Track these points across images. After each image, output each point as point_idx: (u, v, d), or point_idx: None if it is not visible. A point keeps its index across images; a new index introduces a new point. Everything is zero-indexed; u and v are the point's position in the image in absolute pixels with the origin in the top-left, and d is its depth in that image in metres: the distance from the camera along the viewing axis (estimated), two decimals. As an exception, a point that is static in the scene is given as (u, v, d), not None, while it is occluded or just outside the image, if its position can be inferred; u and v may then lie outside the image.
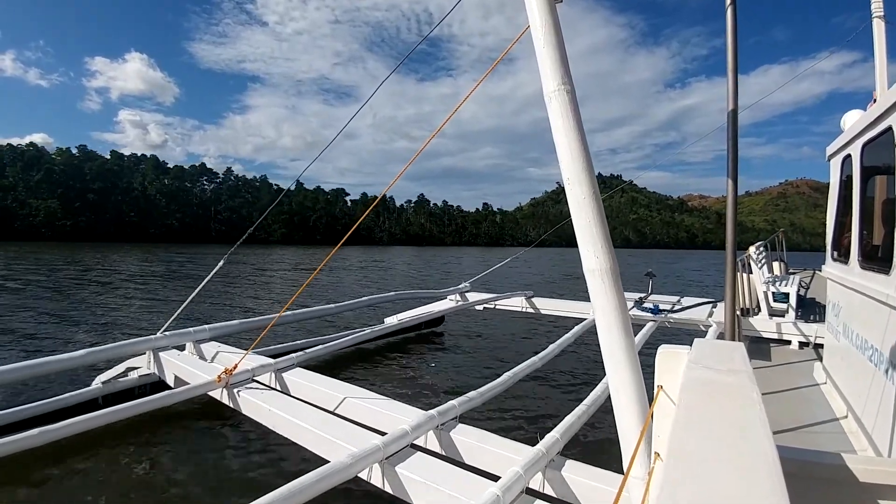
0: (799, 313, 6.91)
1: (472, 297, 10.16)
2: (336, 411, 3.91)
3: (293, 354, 5.07)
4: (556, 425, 3.17)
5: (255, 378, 4.52)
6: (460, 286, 10.53)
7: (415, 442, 3.15)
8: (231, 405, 4.19)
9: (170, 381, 4.98)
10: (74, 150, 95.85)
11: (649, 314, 7.87)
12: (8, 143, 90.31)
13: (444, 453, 3.22)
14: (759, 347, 6.20)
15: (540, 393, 6.46)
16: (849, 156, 3.71)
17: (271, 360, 4.83)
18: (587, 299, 1.93)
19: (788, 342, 6.34)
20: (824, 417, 3.58)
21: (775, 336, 6.52)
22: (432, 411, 3.34)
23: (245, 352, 4.77)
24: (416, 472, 2.71)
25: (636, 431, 1.75)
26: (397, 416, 3.54)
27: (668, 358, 1.42)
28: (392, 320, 9.60)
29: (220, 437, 4.79)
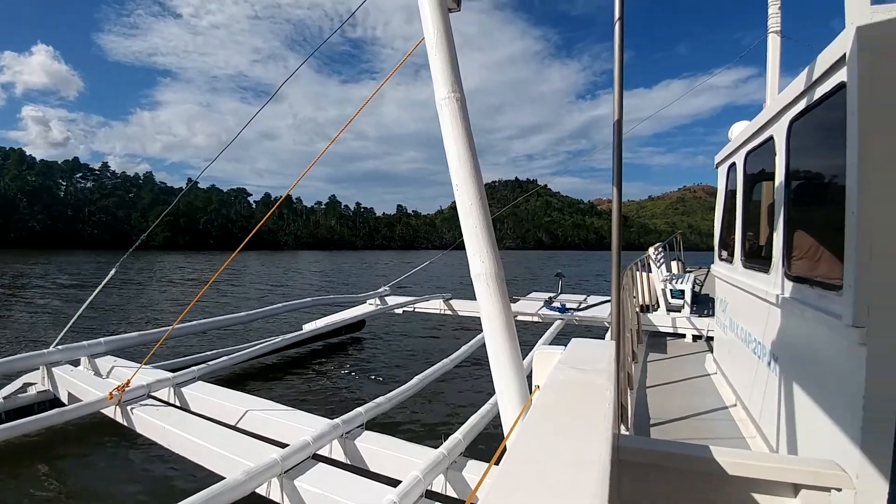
0: (693, 308, 7.55)
1: (392, 300, 10.11)
2: (238, 425, 3.69)
3: (195, 367, 4.74)
4: (459, 427, 3.23)
5: (151, 394, 4.21)
6: (380, 290, 10.43)
7: (318, 452, 3.04)
8: (125, 423, 3.89)
9: (64, 398, 4.58)
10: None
11: (557, 313, 8.31)
12: None
13: (348, 462, 3.15)
14: (657, 341, 6.73)
15: (450, 394, 6.51)
16: (734, 163, 4.13)
17: (169, 375, 4.49)
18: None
19: (683, 336, 6.93)
20: (715, 406, 3.90)
21: (671, 330, 7.11)
22: (337, 420, 3.25)
23: (139, 365, 4.37)
24: (316, 484, 2.62)
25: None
26: (302, 426, 3.39)
27: (544, 359, 1.49)
28: (310, 326, 9.27)
29: (114, 457, 4.44)
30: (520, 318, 8.65)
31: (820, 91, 2.21)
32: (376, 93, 2.70)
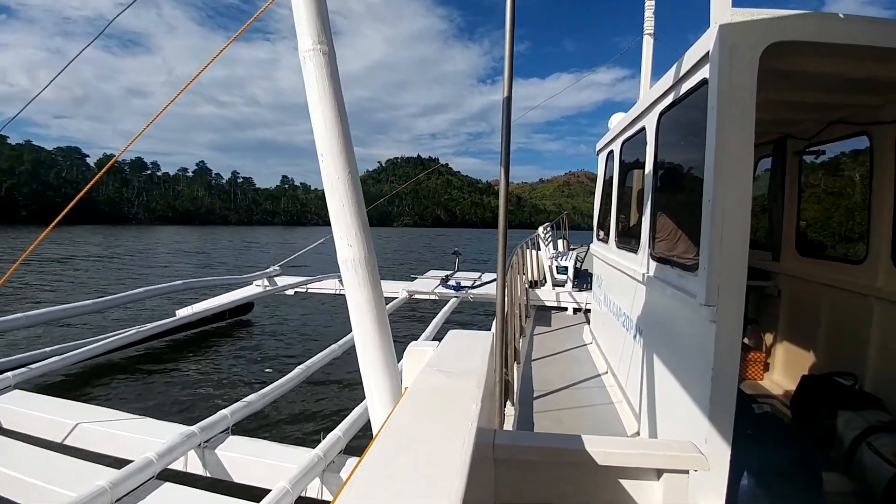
0: (575, 283, 8.17)
1: (282, 280, 9.40)
2: (66, 443, 3.03)
3: (9, 373, 3.81)
4: (339, 423, 2.99)
5: None
6: (268, 270, 9.63)
7: (171, 466, 2.60)
8: None
9: None
10: None
11: (452, 291, 8.43)
12: None
13: (208, 475, 2.75)
14: (544, 315, 7.13)
15: (337, 385, 5.98)
16: (612, 151, 4.36)
17: None
18: (402, 278, 1.78)
19: (566, 309, 7.45)
20: (590, 374, 4.20)
21: (556, 304, 7.60)
22: (194, 428, 2.80)
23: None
24: (158, 511, 2.21)
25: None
26: (149, 439, 2.88)
27: (415, 357, 1.32)
28: (186, 311, 8.26)
29: None
30: (417, 296, 8.61)
31: (685, 86, 2.32)
32: (230, 43, 2.26)
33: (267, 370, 6.69)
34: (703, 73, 2.04)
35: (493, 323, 5.27)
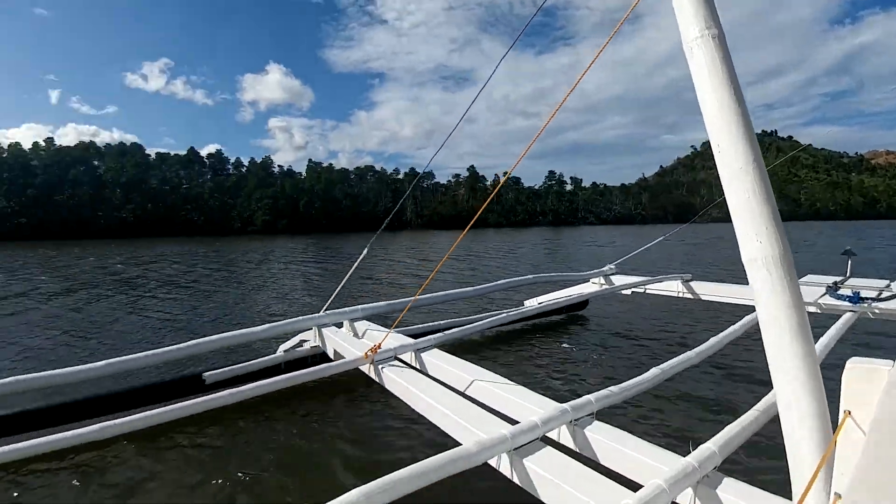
0: None
1: (619, 280, 9.45)
2: (468, 393, 3.99)
3: (432, 336, 5.32)
4: (712, 436, 2.71)
5: (397, 356, 4.84)
6: (604, 268, 9.87)
7: (547, 434, 3.02)
8: (376, 379, 4.57)
9: (330, 354, 5.73)
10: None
11: (846, 303, 6.26)
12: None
13: (577, 450, 3.02)
14: None
15: (695, 394, 5.60)
16: None
17: (412, 340, 5.15)
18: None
19: None
20: None
21: None
22: (566, 405, 3.14)
23: (388, 331, 5.16)
24: (544, 468, 2.59)
25: (812, 463, 1.34)
26: (528, 405, 3.43)
27: (861, 375, 1.03)
28: (532, 303, 9.50)
29: (368, 407, 5.38)
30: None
31: None
32: (604, 47, 2.41)
33: (608, 365, 6.88)
34: None
35: None
